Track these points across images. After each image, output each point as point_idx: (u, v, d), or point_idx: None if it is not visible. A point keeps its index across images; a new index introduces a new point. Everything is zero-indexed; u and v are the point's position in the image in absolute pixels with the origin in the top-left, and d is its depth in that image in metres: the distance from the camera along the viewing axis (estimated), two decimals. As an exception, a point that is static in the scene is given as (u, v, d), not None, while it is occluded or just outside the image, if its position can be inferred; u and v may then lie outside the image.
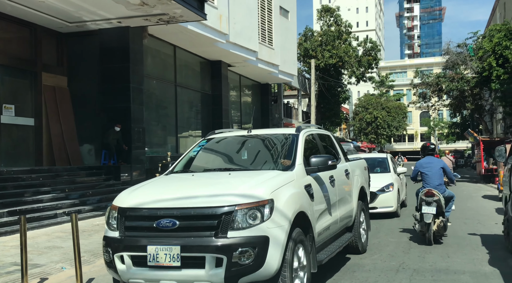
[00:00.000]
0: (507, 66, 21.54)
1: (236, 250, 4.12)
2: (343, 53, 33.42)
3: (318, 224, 5.38)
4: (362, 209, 7.49)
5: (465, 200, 14.63)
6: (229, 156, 6.20)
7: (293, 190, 4.81)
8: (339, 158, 6.96)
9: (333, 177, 6.12)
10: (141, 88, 14.71)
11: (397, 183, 11.87)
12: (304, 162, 5.45)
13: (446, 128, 55.08)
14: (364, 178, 7.86)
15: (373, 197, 10.56)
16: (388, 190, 11.24)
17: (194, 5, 13.26)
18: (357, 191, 7.24)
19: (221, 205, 4.28)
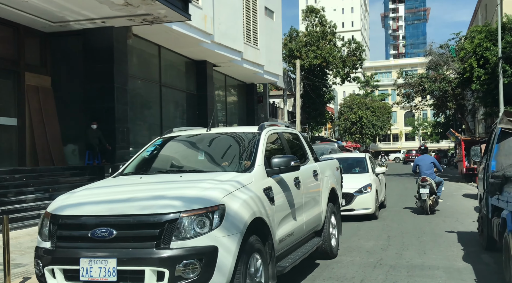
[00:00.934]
0: (487, 67, 21.96)
1: (179, 262, 3.72)
2: (327, 53, 33.71)
3: (279, 230, 4.98)
4: (333, 212, 7.12)
5: (446, 198, 14.91)
6: (184, 156, 5.79)
7: (249, 194, 4.40)
8: (307, 158, 6.56)
9: (298, 179, 5.71)
10: (126, 88, 14.71)
11: (376, 184, 11.59)
12: (265, 163, 5.05)
13: (430, 128, 55.84)
14: (336, 178, 7.47)
15: (350, 199, 10.57)
16: (366, 191, 10.91)
17: (178, 6, 13.31)
18: (327, 193, 6.83)
19: (164, 212, 3.87)
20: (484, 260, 6.78)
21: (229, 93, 25.80)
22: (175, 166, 5.58)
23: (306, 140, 7.01)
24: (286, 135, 6.28)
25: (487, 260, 6.71)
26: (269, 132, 5.67)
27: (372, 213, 10.95)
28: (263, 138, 5.39)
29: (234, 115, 26.53)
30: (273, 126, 6.04)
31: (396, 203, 14.51)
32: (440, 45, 27.86)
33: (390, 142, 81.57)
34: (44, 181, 12.02)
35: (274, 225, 4.82)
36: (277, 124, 6.37)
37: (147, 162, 5.68)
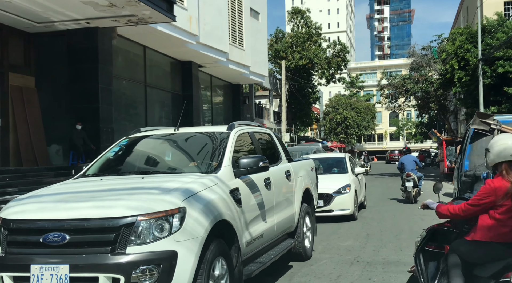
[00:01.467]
0: (468, 68, 22.40)
1: (135, 268, 3.55)
2: (313, 54, 34.04)
3: (247, 233, 4.84)
4: (307, 213, 7.01)
5: (427, 197, 15.17)
6: (149, 157, 5.61)
7: (213, 196, 4.28)
8: (280, 158, 6.45)
9: (269, 180, 5.59)
10: (110, 88, 14.75)
11: (355, 184, 11.47)
12: (234, 163, 4.95)
13: (414, 128, 56.59)
14: (310, 179, 7.35)
15: (329, 199, 10.54)
16: (344, 192, 10.80)
17: (163, 7, 13.40)
18: (301, 194, 6.72)
19: (120, 216, 3.70)
20: (457, 256, 7.03)
21: (215, 93, 25.92)
22: (139, 167, 5.36)
23: (280, 141, 6.89)
24: (258, 136, 6.15)
25: (460, 256, 6.96)
26: (239, 132, 5.54)
27: (351, 214, 10.88)
28: (232, 138, 5.27)
29: (220, 115, 26.65)
30: (243, 126, 5.91)
31: (377, 202, 14.79)
32: (423, 47, 28.36)
33: (375, 142, 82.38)
34: (28, 181, 12.03)
35: (241, 228, 4.68)
36: (250, 124, 6.25)
37: (110, 163, 5.49)
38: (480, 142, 6.99)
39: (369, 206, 13.70)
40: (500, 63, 20.24)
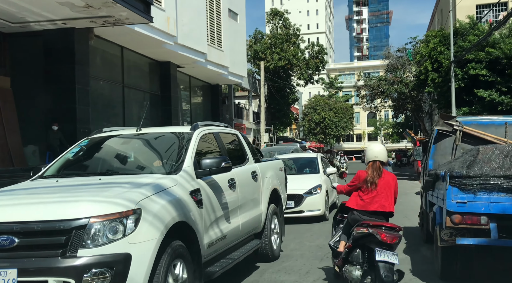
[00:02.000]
0: (441, 70, 22.97)
1: (87, 271, 3.48)
2: (291, 56, 34.39)
3: (209, 234, 4.83)
4: (275, 213, 7.01)
5: (399, 196, 15.56)
6: (110, 158, 5.52)
7: (171, 197, 4.25)
8: (246, 159, 6.47)
9: (234, 180, 5.60)
10: (87, 89, 14.75)
11: (326, 185, 11.32)
12: (196, 164, 4.94)
13: (391, 129, 57.52)
14: (279, 179, 7.37)
15: (300, 200, 10.47)
16: (315, 192, 10.75)
17: (140, 8, 13.46)
18: (268, 194, 6.73)
19: (71, 218, 3.62)
20: (422, 252, 7.35)
21: (193, 94, 26.00)
22: (97, 168, 5.29)
23: (247, 141, 6.88)
24: (224, 136, 6.13)
25: (424, 252, 7.28)
26: (203, 133, 5.52)
27: (322, 214, 10.81)
28: (195, 138, 5.25)
29: (199, 116, 26.73)
30: (208, 127, 5.89)
31: None
32: (398, 49, 28.95)
33: (353, 142, 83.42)
34: (4, 182, 11.93)
35: (202, 229, 4.66)
36: (215, 125, 6.25)
37: (69, 164, 5.40)
38: (444, 142, 7.32)
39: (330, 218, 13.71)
40: (471, 66, 20.81)
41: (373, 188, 5.19)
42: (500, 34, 21.04)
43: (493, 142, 6.88)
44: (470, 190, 5.10)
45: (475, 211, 5.11)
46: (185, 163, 4.87)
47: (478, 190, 5.08)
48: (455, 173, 5.28)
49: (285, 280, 6.01)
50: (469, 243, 5.19)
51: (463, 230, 5.27)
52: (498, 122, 7.26)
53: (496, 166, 5.66)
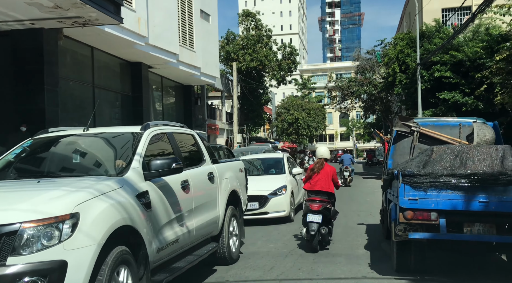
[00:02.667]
0: (408, 72, 23.63)
1: (17, 281, 3.24)
2: (263, 57, 34.70)
3: (159, 238, 4.65)
4: (234, 215, 6.85)
5: (366, 195, 16.08)
6: (52, 160, 5.23)
7: (114, 200, 4.03)
8: (203, 159, 6.29)
9: (187, 182, 5.44)
10: (56, 90, 14.65)
11: (292, 185, 11.30)
12: (145, 165, 4.76)
13: (362, 129, 58.55)
14: (238, 181, 7.21)
15: (264, 201, 10.31)
16: (280, 193, 10.61)
17: (110, 9, 13.44)
18: (226, 196, 6.55)
19: (0, 223, 3.38)
20: (382, 247, 7.69)
21: (166, 94, 26.00)
22: (38, 170, 5.04)
23: (204, 141, 6.70)
24: (178, 137, 5.92)
25: (384, 248, 7.62)
26: (154, 133, 5.33)
27: (287, 215, 10.68)
28: (144, 139, 5.07)
29: (171, 116, 26.72)
30: (161, 126, 5.69)
31: None
32: (367, 51, 29.59)
33: (326, 142, 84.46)
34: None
35: (150, 233, 4.48)
36: (169, 124, 6.04)
37: (8, 166, 5.10)
38: (402, 143, 7.67)
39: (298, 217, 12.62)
40: (436, 68, 21.50)
41: (316, 175, 7.84)
42: (464, 37, 21.80)
43: (448, 142, 7.27)
44: (421, 187, 5.44)
45: (425, 207, 5.44)
46: (132, 164, 4.68)
47: (428, 188, 5.42)
48: (407, 171, 5.61)
49: (250, 275, 6.24)
50: (420, 237, 5.52)
51: (416, 225, 5.60)
52: (452, 123, 7.66)
53: (447, 165, 6.02)
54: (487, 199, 5.31)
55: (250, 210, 10.11)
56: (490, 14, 18.60)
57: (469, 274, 6.13)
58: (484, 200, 5.32)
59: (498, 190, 5.31)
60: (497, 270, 6.39)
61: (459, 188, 5.38)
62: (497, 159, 5.94)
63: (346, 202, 14.81)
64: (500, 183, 5.29)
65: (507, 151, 6.01)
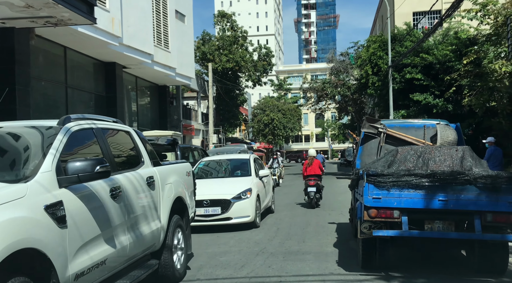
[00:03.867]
0: (380, 74, 24.12)
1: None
2: (239, 58, 34.90)
3: (77, 261, 3.73)
4: (179, 226, 5.93)
5: (338, 194, 16.38)
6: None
7: (13, 215, 3.16)
8: (141, 161, 5.36)
9: (119, 188, 4.53)
10: (28, 90, 14.49)
11: (258, 188, 10.57)
12: (60, 169, 3.83)
13: (337, 129, 59.29)
14: (185, 185, 6.36)
15: (227, 206, 9.65)
16: (245, 197, 9.91)
17: (83, 10, 13.37)
18: (169, 204, 5.67)
19: None
20: (350, 245, 7.92)
21: (140, 95, 25.88)
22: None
23: (143, 140, 5.73)
24: (110, 133, 4.98)
25: (353, 245, 7.84)
26: (75, 128, 4.33)
27: (252, 221, 9.95)
28: (62, 135, 4.10)
29: (146, 117, 26.63)
30: (86, 121, 4.64)
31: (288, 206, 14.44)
32: (341, 53, 30.04)
33: (302, 143, 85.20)
34: None
35: (64, 256, 3.57)
36: (98, 119, 4.94)
37: None
38: (370, 143, 7.93)
39: (278, 210, 12.91)
40: (407, 70, 22.02)
41: (310, 166, 13.48)
42: (434, 40, 22.39)
43: (412, 143, 7.56)
44: (384, 186, 5.67)
45: (388, 206, 5.67)
46: (42, 167, 3.72)
47: (391, 187, 5.65)
48: (371, 171, 5.83)
49: (220, 273, 6.37)
50: (383, 234, 5.75)
51: (380, 223, 5.83)
52: (417, 125, 7.97)
53: (410, 165, 6.30)
54: (446, 198, 5.57)
55: (211, 215, 9.64)
56: (459, 19, 19.21)
57: (431, 269, 6.40)
58: (444, 198, 5.58)
59: (457, 188, 5.58)
60: (457, 265, 6.68)
61: (420, 187, 5.62)
62: (457, 159, 6.24)
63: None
64: (458, 182, 5.56)
65: (466, 152, 6.32)
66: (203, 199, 9.47)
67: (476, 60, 16.40)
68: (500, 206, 5.46)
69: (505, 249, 5.90)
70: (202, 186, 9.76)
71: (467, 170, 5.83)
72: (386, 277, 5.98)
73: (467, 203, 5.55)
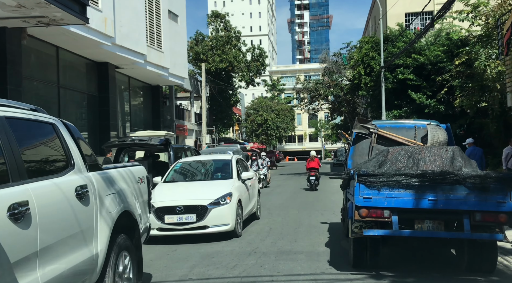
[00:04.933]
0: (373, 74, 24.23)
1: None
2: (232, 58, 34.94)
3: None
4: (126, 249, 4.60)
5: (331, 194, 16.44)
6: None
7: None
8: (70, 165, 4.04)
9: (26, 205, 3.16)
10: (20, 90, 14.45)
11: (239, 192, 9.45)
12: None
13: (330, 130, 59.48)
14: (134, 195, 4.99)
15: (204, 213, 8.49)
16: (224, 202, 8.71)
17: (75, 9, 13.34)
18: (111, 221, 4.35)
19: None
20: (342, 245, 7.97)
21: (133, 95, 25.84)
22: None
23: (75, 136, 4.33)
24: (21, 125, 3.62)
25: (344, 245, 7.89)
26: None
27: (232, 229, 8.74)
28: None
29: (139, 117, 26.59)
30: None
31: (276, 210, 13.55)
32: (334, 54, 30.15)
33: (295, 143, 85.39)
34: None
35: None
36: (8, 104, 3.63)
37: None
38: (361, 144, 7.99)
39: (264, 216, 11.75)
40: (400, 70, 22.14)
41: (312, 161, 19.55)
42: (426, 41, 22.53)
43: (403, 143, 7.62)
44: (374, 186, 5.72)
45: (379, 205, 5.72)
46: None
47: (381, 187, 5.70)
48: (362, 171, 5.88)
49: (213, 273, 6.40)
50: (374, 234, 5.80)
51: (371, 222, 5.88)
52: (408, 125, 8.04)
53: (401, 165, 6.35)
54: (436, 197, 5.63)
55: (185, 223, 8.52)
56: (450, 20, 19.35)
57: (421, 268, 6.46)
58: (433, 198, 5.64)
59: (446, 188, 5.64)
60: (447, 264, 6.74)
61: (410, 187, 5.68)
62: (447, 159, 6.31)
63: (311, 201, 15.13)
64: (448, 182, 5.62)
65: (456, 152, 6.39)
66: (176, 205, 8.61)
67: (468, 61, 16.55)
68: (488, 205, 5.53)
69: (494, 248, 5.97)
70: (176, 190, 9.37)
71: (456, 170, 5.90)
72: (377, 276, 6.03)
73: (457, 202, 5.61)
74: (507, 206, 5.46)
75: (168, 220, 8.57)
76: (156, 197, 8.63)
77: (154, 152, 14.42)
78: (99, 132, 20.15)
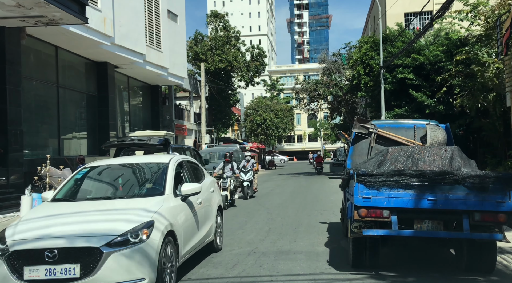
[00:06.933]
0: (372, 74, 24.22)
1: None
2: (232, 58, 34.91)
3: None
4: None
5: (331, 194, 16.44)
6: None
7: None
8: None
9: None
10: (19, 89, 14.46)
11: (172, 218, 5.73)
12: None
13: (329, 130, 59.46)
14: None
15: (94, 262, 4.82)
16: (136, 240, 5.01)
17: (74, 9, 13.37)
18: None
19: None
20: (341, 245, 7.97)
21: (132, 94, 25.82)
22: None
23: None
24: None
25: (344, 245, 7.89)
26: None
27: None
28: None
29: (138, 117, 26.58)
30: None
31: (280, 204, 14.85)
32: (333, 54, 30.14)
33: (294, 143, 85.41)
34: None
35: None
36: None
37: None
38: (361, 144, 7.99)
39: (264, 216, 11.06)
40: (399, 70, 22.11)
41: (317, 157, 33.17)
42: (426, 41, 22.51)
43: (403, 143, 7.62)
44: (374, 186, 5.71)
45: (378, 205, 5.72)
46: None
47: (380, 187, 5.70)
48: (361, 171, 5.88)
49: (212, 273, 6.39)
50: (373, 233, 5.80)
51: (370, 222, 5.88)
52: (407, 125, 8.03)
53: (400, 165, 6.35)
54: (435, 197, 5.63)
55: (61, 280, 4.82)
56: (450, 19, 19.31)
57: (420, 268, 6.46)
58: (433, 198, 5.63)
59: (445, 188, 5.64)
60: (446, 263, 6.74)
61: (409, 187, 5.68)
62: (446, 159, 6.31)
63: (311, 201, 15.12)
64: (447, 182, 5.62)
65: (455, 152, 6.38)
66: (45, 247, 4.89)
67: (467, 61, 16.51)
68: (487, 205, 5.53)
69: (493, 247, 5.97)
70: (58, 217, 5.51)
71: (455, 169, 5.89)
72: (376, 276, 6.03)
73: (456, 202, 5.61)
74: (506, 206, 5.46)
75: (30, 274, 4.84)
76: (18, 228, 5.22)
77: (153, 152, 14.39)
78: (98, 132, 20.15)
